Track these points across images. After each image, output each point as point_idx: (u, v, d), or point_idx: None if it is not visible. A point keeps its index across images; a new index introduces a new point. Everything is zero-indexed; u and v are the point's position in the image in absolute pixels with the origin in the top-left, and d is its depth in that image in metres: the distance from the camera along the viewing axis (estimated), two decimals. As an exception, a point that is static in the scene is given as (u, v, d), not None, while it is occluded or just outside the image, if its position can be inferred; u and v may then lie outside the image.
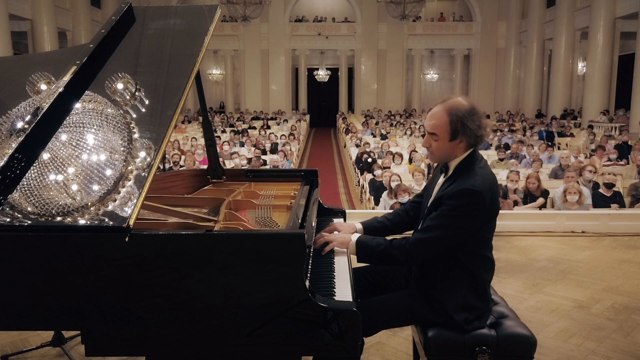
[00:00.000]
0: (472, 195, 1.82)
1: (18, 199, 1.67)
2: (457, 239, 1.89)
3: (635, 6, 15.06)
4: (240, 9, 21.64)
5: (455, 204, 1.84)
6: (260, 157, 9.94)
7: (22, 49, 18.14)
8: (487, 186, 1.86)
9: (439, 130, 1.91)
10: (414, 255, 1.92)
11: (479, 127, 1.89)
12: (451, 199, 1.85)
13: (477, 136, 1.89)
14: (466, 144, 1.91)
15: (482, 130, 1.89)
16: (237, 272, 1.60)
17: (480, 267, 1.96)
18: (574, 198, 5.77)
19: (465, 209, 1.84)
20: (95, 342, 1.67)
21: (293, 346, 1.64)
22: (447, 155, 1.96)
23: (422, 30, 25.75)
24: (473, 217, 1.85)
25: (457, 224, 1.85)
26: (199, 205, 2.56)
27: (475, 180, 1.85)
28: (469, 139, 1.90)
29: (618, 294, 3.82)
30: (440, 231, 1.87)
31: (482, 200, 1.83)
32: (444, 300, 1.92)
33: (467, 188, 1.83)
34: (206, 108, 2.95)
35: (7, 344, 2.96)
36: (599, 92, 16.82)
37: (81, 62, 1.98)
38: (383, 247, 1.97)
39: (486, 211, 1.87)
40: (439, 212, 1.88)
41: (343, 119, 21.30)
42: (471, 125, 1.87)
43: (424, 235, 1.90)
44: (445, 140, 1.91)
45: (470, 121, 1.87)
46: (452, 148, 1.93)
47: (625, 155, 10.27)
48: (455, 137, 1.89)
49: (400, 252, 1.93)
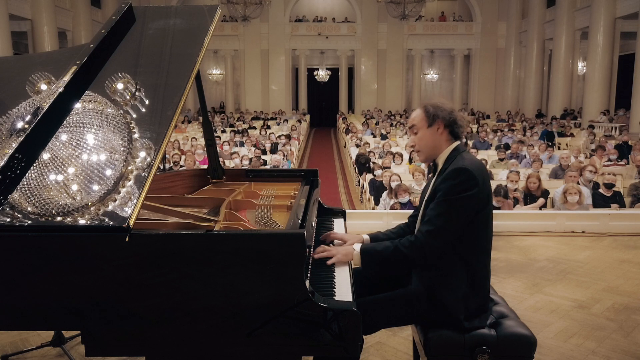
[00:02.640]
0: (463, 172, 1.89)
1: (18, 199, 1.67)
2: (461, 220, 1.89)
3: (635, 6, 15.05)
4: (240, 9, 21.63)
5: (450, 184, 1.90)
6: (260, 157, 9.93)
7: (22, 49, 18.14)
8: (476, 166, 1.93)
9: (416, 121, 2.04)
10: (427, 249, 1.90)
11: (452, 111, 2.02)
12: (444, 182, 1.92)
13: (452, 118, 2.00)
14: (445, 130, 2.01)
15: (455, 114, 2.02)
16: (237, 272, 1.60)
17: (478, 261, 1.96)
18: (574, 198, 5.77)
19: (461, 187, 1.88)
20: (95, 342, 1.67)
21: (293, 346, 1.64)
22: (432, 147, 2.03)
23: (422, 30, 25.74)
24: (471, 195, 1.88)
25: (459, 205, 1.88)
26: (199, 205, 2.56)
27: (464, 161, 1.94)
28: (445, 122, 2.00)
29: (618, 294, 3.81)
30: (446, 216, 1.89)
31: (474, 178, 1.88)
32: (443, 296, 1.93)
33: (457, 167, 1.91)
34: (206, 108, 2.95)
35: (7, 344, 2.96)
36: (599, 92, 16.81)
37: (81, 62, 1.98)
38: (392, 249, 1.94)
39: (479, 191, 1.89)
40: (438, 200, 1.92)
41: (343, 119, 21.29)
42: (444, 107, 2.01)
43: (430, 226, 1.90)
44: (424, 129, 2.02)
45: (441, 105, 2.02)
46: (433, 136, 2.01)
47: (625, 155, 10.27)
48: (432, 122, 2.00)
49: (411, 250, 1.91)
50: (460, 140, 2.04)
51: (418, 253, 1.91)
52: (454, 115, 2.02)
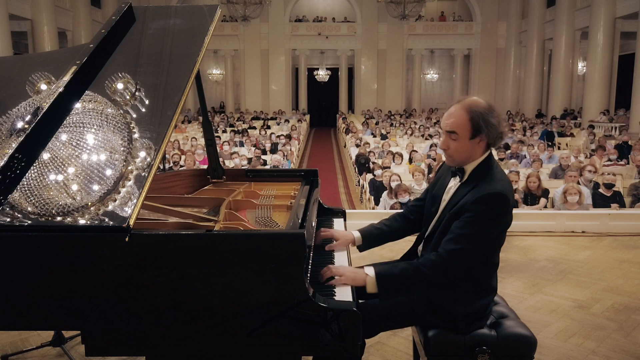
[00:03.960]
0: (500, 199, 1.79)
1: (18, 199, 1.67)
2: (488, 244, 1.83)
3: (635, 6, 15.05)
4: (240, 9, 21.63)
5: (483, 209, 1.79)
6: (260, 157, 9.94)
7: (22, 49, 18.14)
8: (508, 189, 1.84)
9: (459, 129, 1.85)
10: (451, 269, 1.80)
11: (499, 123, 1.85)
12: (477, 204, 1.80)
13: (498, 133, 1.85)
14: (485, 143, 1.87)
15: (502, 127, 1.86)
16: (237, 272, 1.60)
17: (486, 274, 1.93)
18: (574, 199, 5.77)
19: (493, 214, 1.79)
20: (95, 342, 1.67)
21: (293, 346, 1.64)
22: (467, 157, 1.89)
23: (422, 30, 25.74)
24: (500, 221, 1.82)
25: (487, 230, 1.80)
26: (199, 205, 2.56)
27: (499, 184, 1.82)
28: (490, 138, 1.85)
29: (618, 294, 3.81)
30: (474, 239, 1.79)
31: (508, 204, 1.80)
32: (447, 307, 1.90)
33: (494, 192, 1.79)
34: (206, 108, 2.95)
35: (7, 344, 2.96)
36: (599, 92, 16.81)
37: (81, 62, 1.98)
38: (411, 271, 1.83)
39: (508, 217, 1.85)
40: (467, 220, 1.80)
41: (343, 119, 21.30)
42: (493, 121, 1.83)
43: (456, 245, 1.80)
44: (465, 140, 1.85)
45: (491, 117, 1.83)
46: (472, 148, 1.87)
47: (625, 155, 10.27)
48: (476, 135, 1.84)
49: (434, 271, 1.80)
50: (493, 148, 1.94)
51: (440, 273, 1.81)
52: (502, 130, 1.86)
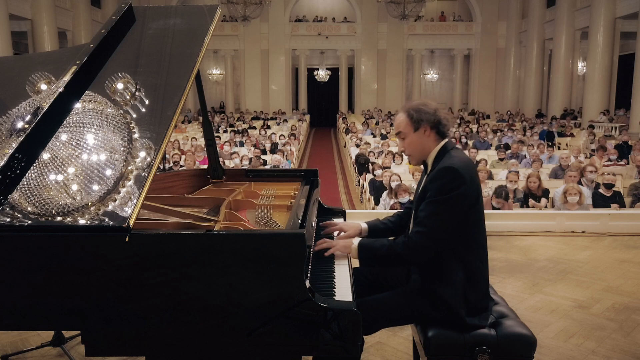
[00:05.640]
0: (450, 171, 1.89)
1: (18, 199, 1.67)
2: (453, 219, 1.90)
3: (635, 6, 15.05)
4: (240, 9, 21.63)
5: (438, 184, 1.90)
6: (260, 157, 9.93)
7: (22, 49, 18.14)
8: (463, 164, 1.93)
9: (402, 127, 2.04)
10: (420, 250, 1.92)
11: (435, 110, 2.02)
12: (432, 182, 1.92)
13: (436, 119, 2.00)
14: (431, 131, 2.01)
15: (438, 113, 2.02)
16: (237, 272, 1.60)
17: (471, 254, 1.97)
18: (574, 199, 5.77)
19: (449, 186, 1.89)
20: (95, 342, 1.67)
21: (293, 346, 1.64)
22: (421, 150, 2.05)
23: (422, 30, 25.73)
24: (459, 193, 1.88)
25: (448, 205, 1.89)
26: (199, 205, 2.56)
27: (451, 160, 1.94)
28: (431, 124, 2.00)
29: (618, 294, 3.82)
30: (436, 217, 1.90)
31: (461, 176, 1.89)
32: (442, 292, 1.94)
33: (444, 166, 1.92)
34: (206, 108, 2.95)
35: (7, 344, 2.96)
36: (599, 92, 16.81)
37: (81, 62, 1.98)
38: (386, 247, 1.97)
39: (468, 188, 1.90)
40: (427, 200, 1.93)
41: (343, 119, 21.29)
42: (426, 109, 2.01)
43: (422, 227, 1.92)
44: (411, 134, 2.03)
45: (424, 107, 2.02)
46: (421, 140, 2.02)
47: (626, 155, 10.27)
48: (418, 126, 2.01)
49: (404, 250, 1.93)
50: (447, 138, 2.05)
51: (411, 253, 1.93)
52: (438, 115, 2.02)
